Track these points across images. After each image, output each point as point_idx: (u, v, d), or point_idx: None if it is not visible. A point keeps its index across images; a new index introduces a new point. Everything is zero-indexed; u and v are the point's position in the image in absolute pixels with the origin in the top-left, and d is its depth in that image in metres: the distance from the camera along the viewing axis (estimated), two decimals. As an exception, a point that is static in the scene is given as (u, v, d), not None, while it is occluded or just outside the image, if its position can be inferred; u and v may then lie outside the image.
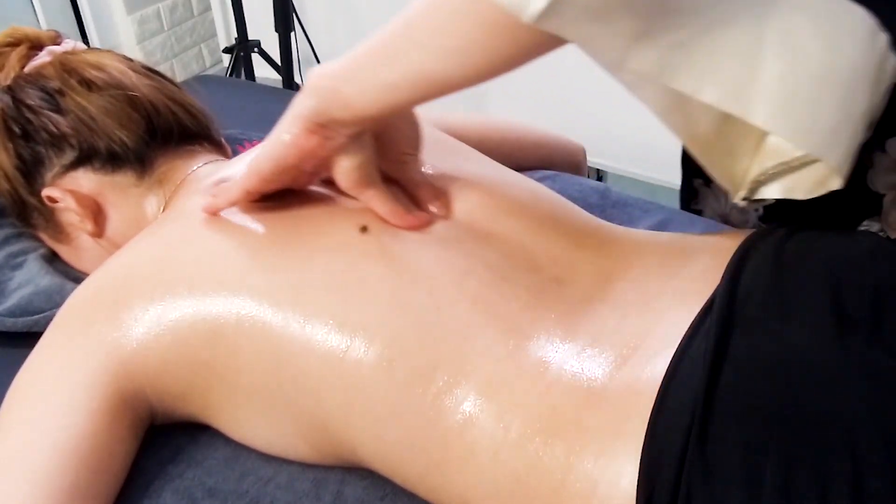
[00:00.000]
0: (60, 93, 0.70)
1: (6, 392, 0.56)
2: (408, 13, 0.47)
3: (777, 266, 0.51)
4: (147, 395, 0.57)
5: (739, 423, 0.43)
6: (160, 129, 0.72)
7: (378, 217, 0.59)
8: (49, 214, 0.73)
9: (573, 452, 0.46)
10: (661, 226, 0.84)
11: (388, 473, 0.55)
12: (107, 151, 0.70)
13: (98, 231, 0.72)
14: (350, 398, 0.52)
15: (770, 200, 0.81)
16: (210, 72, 2.32)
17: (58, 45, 0.75)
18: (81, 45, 0.77)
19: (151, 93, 0.72)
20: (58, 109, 0.69)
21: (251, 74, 1.98)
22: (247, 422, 0.58)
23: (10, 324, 0.70)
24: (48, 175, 0.71)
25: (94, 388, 0.54)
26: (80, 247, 0.74)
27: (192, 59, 2.26)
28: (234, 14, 1.87)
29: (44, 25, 1.86)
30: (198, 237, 0.59)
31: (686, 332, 0.49)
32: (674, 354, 0.47)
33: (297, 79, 1.96)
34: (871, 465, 0.40)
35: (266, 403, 0.56)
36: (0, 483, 0.51)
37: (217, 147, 0.79)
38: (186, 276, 0.56)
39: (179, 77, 2.17)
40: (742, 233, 0.58)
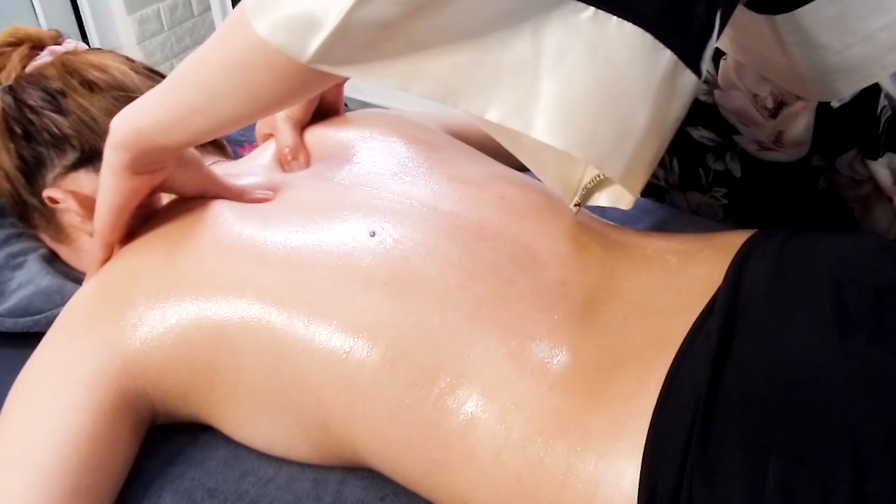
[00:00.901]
0: (62, 93, 0.69)
1: (6, 392, 0.56)
2: (197, 66, 0.51)
3: (779, 267, 0.51)
4: (149, 395, 0.57)
5: (741, 424, 0.43)
6: (160, 130, 0.72)
7: (388, 222, 0.59)
8: (50, 215, 0.73)
9: (575, 453, 0.46)
10: (661, 226, 0.84)
11: (389, 473, 0.55)
12: (107, 152, 0.70)
13: (98, 231, 0.72)
14: (352, 399, 0.52)
15: (721, 201, 0.82)
16: (210, 72, 2.32)
17: (59, 45, 0.75)
18: (83, 46, 0.77)
19: (152, 93, 0.72)
20: (59, 110, 0.69)
21: (251, 75, 1.98)
22: (248, 422, 0.58)
23: (10, 324, 0.70)
24: (49, 176, 0.71)
25: (96, 389, 0.54)
26: (81, 248, 0.74)
27: (192, 60, 2.26)
28: (234, 14, 1.86)
29: (44, 25, 1.86)
30: (203, 237, 0.59)
31: (688, 333, 0.49)
32: (675, 355, 0.48)
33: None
34: (874, 466, 0.40)
35: (267, 403, 0.56)
36: (1, 482, 0.51)
37: (218, 148, 0.79)
38: (192, 277, 0.56)
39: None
40: (743, 233, 0.58)
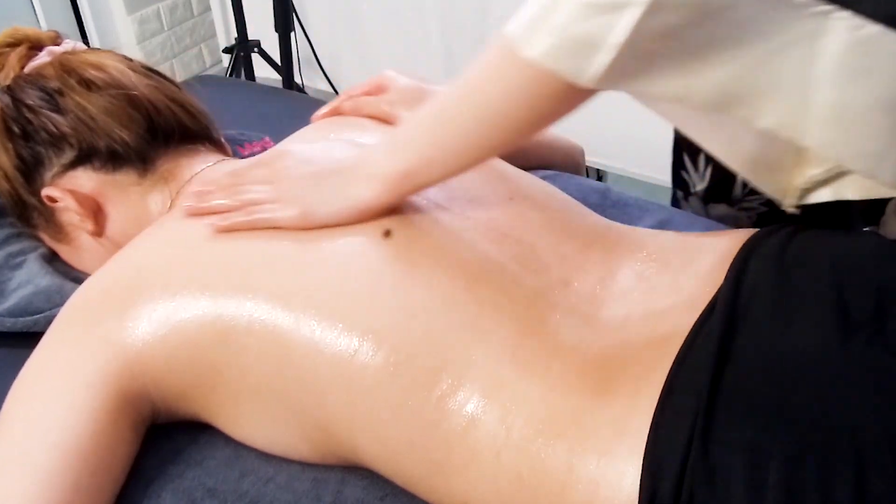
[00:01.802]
0: (60, 93, 0.69)
1: (6, 392, 0.56)
2: (469, 100, 0.53)
3: (780, 266, 0.51)
4: (150, 395, 0.57)
5: (743, 424, 0.43)
6: (161, 129, 0.72)
7: (403, 223, 0.59)
8: (49, 214, 0.73)
9: (575, 454, 0.46)
10: (661, 226, 0.84)
11: (390, 474, 0.55)
12: (107, 150, 0.70)
13: (98, 230, 0.72)
14: (354, 400, 0.52)
15: (760, 209, 0.82)
16: (210, 72, 2.32)
17: (58, 46, 0.75)
18: (81, 46, 0.77)
19: (151, 92, 0.72)
20: (57, 109, 0.69)
21: (251, 74, 1.98)
22: (249, 421, 0.58)
23: (10, 324, 0.70)
24: (48, 175, 0.71)
25: (98, 388, 0.54)
26: (81, 246, 0.74)
27: (192, 59, 2.25)
28: (234, 14, 1.86)
29: (44, 25, 1.85)
30: (211, 238, 0.59)
31: (689, 333, 0.49)
32: (677, 355, 0.47)
33: (297, 79, 1.95)
34: (875, 466, 0.40)
35: (269, 403, 0.56)
36: (2, 481, 0.51)
37: (218, 146, 0.79)
38: (199, 277, 0.56)
39: (179, 77, 2.17)
40: (745, 233, 0.58)
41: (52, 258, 0.78)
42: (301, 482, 0.58)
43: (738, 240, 0.56)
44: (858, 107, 0.44)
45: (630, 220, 0.86)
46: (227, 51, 1.99)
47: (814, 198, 0.58)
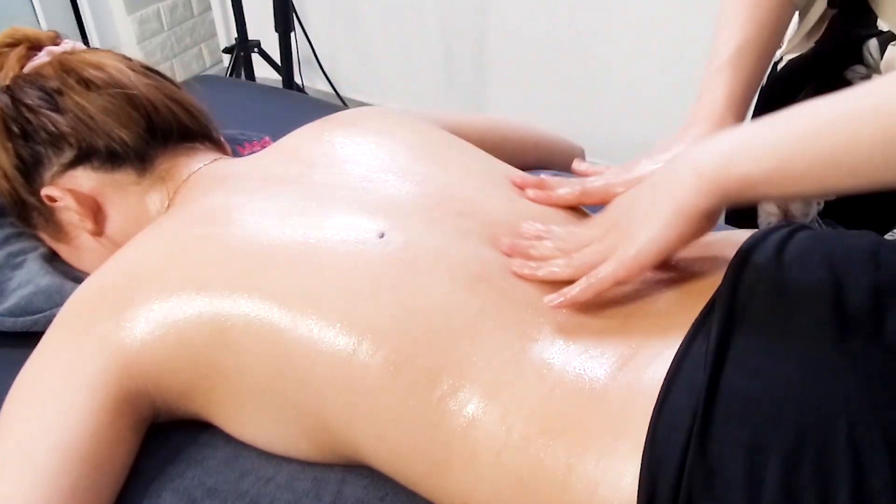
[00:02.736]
0: (59, 92, 0.69)
1: (6, 392, 0.56)
2: (870, 110, 0.42)
3: (778, 265, 0.51)
4: (150, 394, 0.57)
5: (741, 424, 0.43)
6: (160, 128, 0.72)
7: (398, 223, 0.58)
8: (49, 214, 0.73)
9: (575, 454, 0.46)
10: (662, 226, 0.84)
11: (390, 474, 0.55)
12: (106, 150, 0.70)
13: (98, 230, 0.72)
14: (354, 400, 0.52)
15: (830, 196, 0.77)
16: (210, 72, 2.32)
17: (57, 46, 0.75)
18: (81, 46, 0.77)
19: (150, 92, 0.72)
20: (56, 109, 0.69)
21: (251, 74, 1.98)
22: (249, 421, 0.58)
23: (10, 324, 0.70)
24: (47, 174, 0.71)
25: (97, 388, 0.54)
26: (80, 246, 0.74)
27: (192, 59, 2.26)
28: (234, 14, 1.87)
29: (44, 25, 1.85)
30: (209, 237, 0.59)
31: (687, 333, 0.49)
32: (675, 355, 0.47)
33: (297, 79, 1.96)
34: (872, 465, 0.40)
35: (269, 403, 0.56)
36: (1, 482, 0.51)
37: (217, 146, 0.79)
38: (196, 276, 0.56)
39: (179, 77, 2.17)
40: (743, 233, 0.58)
41: (52, 258, 0.78)
42: (301, 481, 0.58)
43: (737, 240, 0.56)
44: None
45: (630, 220, 0.85)
46: (227, 51, 1.99)
47: None
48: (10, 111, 0.70)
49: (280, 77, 1.92)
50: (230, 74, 1.95)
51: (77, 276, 0.74)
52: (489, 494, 0.49)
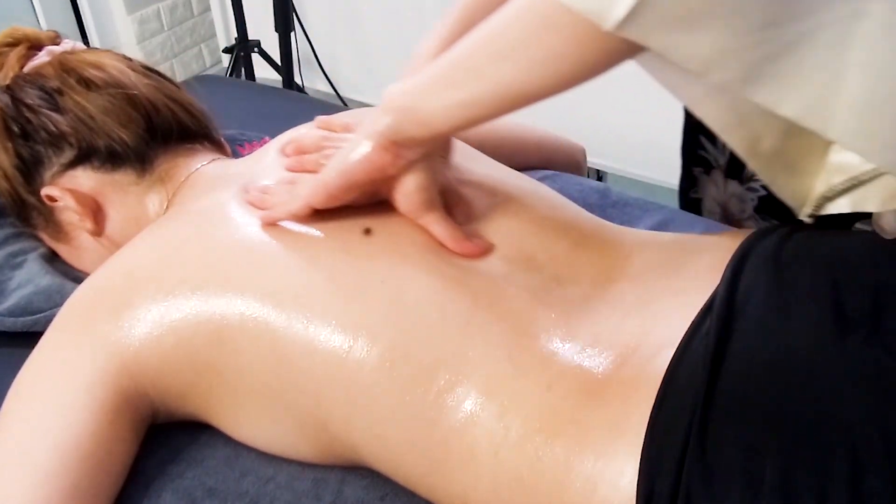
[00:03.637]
0: (59, 92, 0.69)
1: (6, 392, 0.56)
2: (488, 29, 0.47)
3: (777, 266, 0.51)
4: (149, 395, 0.57)
5: (739, 423, 0.43)
6: (160, 128, 0.72)
7: (382, 220, 0.59)
8: (49, 214, 0.73)
9: (573, 452, 0.46)
10: (661, 226, 0.84)
11: (389, 473, 0.55)
12: (106, 150, 0.70)
13: (98, 230, 0.72)
14: (351, 398, 0.52)
15: (760, 192, 0.81)
16: (210, 72, 2.32)
17: (57, 45, 0.75)
18: (81, 45, 0.77)
19: (150, 92, 0.72)
20: (57, 108, 0.69)
21: (251, 74, 1.98)
22: (248, 421, 0.58)
23: (10, 323, 0.70)
24: (47, 174, 0.71)
25: (96, 388, 0.54)
26: (80, 246, 0.74)
27: (192, 59, 2.26)
28: (234, 14, 1.87)
29: (44, 25, 1.85)
30: (203, 237, 0.59)
31: (686, 332, 0.49)
32: (674, 354, 0.47)
33: (297, 79, 1.96)
34: (870, 465, 0.40)
35: (267, 403, 0.56)
36: (1, 482, 0.51)
37: (217, 146, 0.79)
38: (191, 277, 0.56)
39: (179, 77, 2.17)
40: (742, 233, 0.58)
41: (52, 258, 0.78)
42: (301, 482, 0.58)
43: (735, 240, 0.56)
44: (889, 97, 0.42)
45: (630, 221, 0.86)
46: (227, 51, 1.99)
47: (832, 208, 0.55)
48: (11, 111, 0.70)
49: (280, 77, 1.92)
50: (230, 74, 1.95)
51: (77, 276, 0.74)
52: (488, 493, 0.49)
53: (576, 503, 0.46)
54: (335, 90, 2.06)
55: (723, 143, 0.81)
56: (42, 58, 0.73)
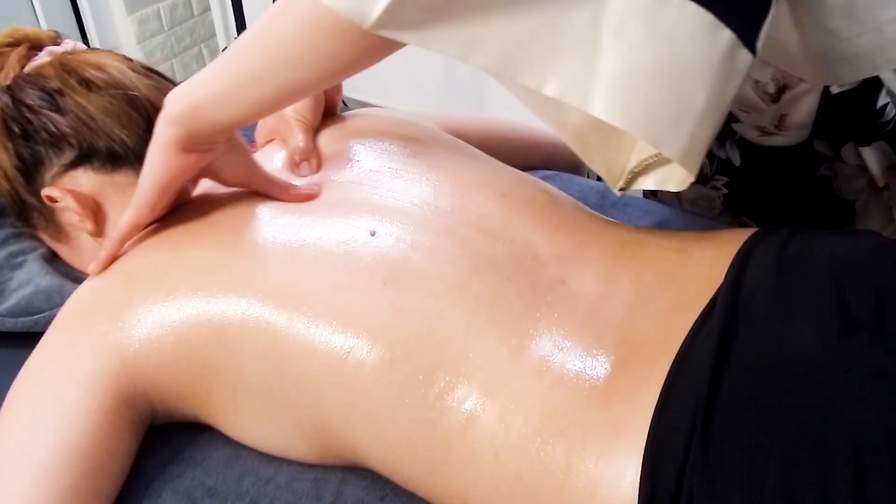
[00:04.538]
0: (60, 92, 0.69)
1: (6, 392, 0.56)
2: (259, 35, 0.52)
3: (779, 266, 0.51)
4: (148, 395, 0.57)
5: (742, 424, 0.43)
6: (160, 129, 0.72)
7: (387, 222, 0.59)
8: (49, 214, 0.73)
9: (574, 452, 0.46)
10: (661, 226, 0.84)
11: (389, 474, 0.55)
12: (107, 151, 0.70)
13: (98, 230, 0.72)
14: (351, 399, 0.52)
15: (723, 191, 0.82)
16: (210, 72, 2.32)
17: (57, 46, 0.75)
18: (81, 46, 0.77)
19: (151, 92, 0.72)
20: (57, 109, 0.69)
21: (251, 74, 1.98)
22: (248, 422, 0.58)
23: (10, 324, 0.70)
24: (48, 175, 0.71)
25: (96, 389, 0.54)
26: (81, 247, 0.74)
27: (192, 59, 2.26)
28: (234, 14, 1.87)
29: (44, 25, 1.85)
30: (204, 237, 0.59)
31: (689, 332, 0.49)
32: (676, 354, 0.47)
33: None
34: (874, 466, 0.40)
35: (267, 404, 0.56)
36: (1, 481, 0.51)
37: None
38: (191, 277, 0.56)
39: (179, 77, 2.16)
40: (744, 232, 0.58)
41: (53, 258, 0.78)
42: (301, 482, 0.58)
43: (738, 240, 0.56)
44: (642, 73, 0.42)
45: (630, 221, 0.86)
46: (227, 51, 1.99)
47: (640, 184, 0.57)
48: (11, 111, 0.70)
49: (280, 77, 1.92)
50: (230, 74, 1.95)
51: (77, 277, 0.74)
52: (488, 494, 0.49)
53: (577, 503, 0.46)
54: (335, 90, 2.06)
55: None
56: (43, 58, 0.73)
